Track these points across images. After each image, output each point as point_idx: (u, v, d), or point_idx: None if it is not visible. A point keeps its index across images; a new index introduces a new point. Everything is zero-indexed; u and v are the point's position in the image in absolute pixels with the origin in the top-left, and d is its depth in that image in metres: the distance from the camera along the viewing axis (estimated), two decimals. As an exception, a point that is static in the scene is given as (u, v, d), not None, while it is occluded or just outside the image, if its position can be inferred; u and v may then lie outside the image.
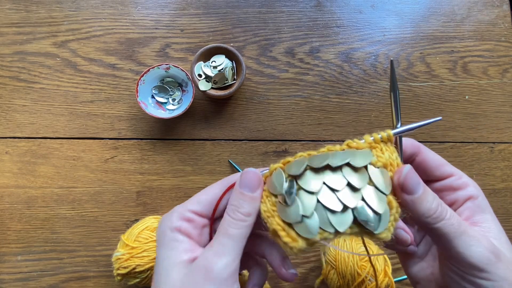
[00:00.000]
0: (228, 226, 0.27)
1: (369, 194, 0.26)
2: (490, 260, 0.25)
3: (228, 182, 0.31)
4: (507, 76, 0.65)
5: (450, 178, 0.30)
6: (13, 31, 0.63)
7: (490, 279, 0.24)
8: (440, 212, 0.26)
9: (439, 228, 0.25)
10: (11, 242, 0.59)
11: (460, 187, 0.29)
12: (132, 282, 0.52)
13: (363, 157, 0.27)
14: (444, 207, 0.26)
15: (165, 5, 0.65)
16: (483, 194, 0.29)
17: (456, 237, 0.25)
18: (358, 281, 0.50)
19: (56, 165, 0.61)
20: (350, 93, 0.64)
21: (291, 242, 0.26)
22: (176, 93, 0.62)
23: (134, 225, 0.55)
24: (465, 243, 0.25)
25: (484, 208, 0.29)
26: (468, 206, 0.29)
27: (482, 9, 0.67)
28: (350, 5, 0.66)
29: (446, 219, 0.25)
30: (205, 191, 0.31)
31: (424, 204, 0.26)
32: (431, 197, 0.26)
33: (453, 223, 0.25)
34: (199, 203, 0.30)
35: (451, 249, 0.25)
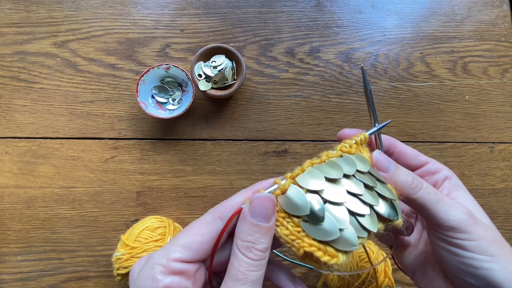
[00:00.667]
0: (247, 271, 0.23)
1: (380, 189, 0.28)
2: (468, 221, 0.27)
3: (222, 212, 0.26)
4: (507, 76, 0.65)
5: (426, 165, 0.34)
6: (13, 31, 0.63)
7: (471, 239, 0.27)
8: (416, 184, 0.28)
9: (418, 197, 0.28)
10: (11, 242, 0.59)
11: (437, 171, 0.33)
12: None
13: (362, 160, 0.29)
14: (420, 180, 0.29)
15: (165, 5, 0.65)
16: (455, 175, 0.33)
17: (435, 204, 0.28)
18: (359, 281, 0.50)
19: (56, 165, 0.61)
20: (350, 93, 0.64)
21: (331, 259, 0.24)
22: (176, 93, 0.62)
23: (134, 225, 0.55)
24: (443, 209, 0.27)
25: (459, 186, 0.32)
26: (446, 185, 0.32)
27: (482, 9, 0.67)
28: (350, 5, 0.66)
29: (423, 189, 0.28)
30: (192, 230, 0.25)
31: (400, 177, 0.29)
32: (404, 172, 0.29)
33: (430, 192, 0.28)
34: (186, 249, 0.24)
35: (433, 216, 0.28)
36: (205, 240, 0.25)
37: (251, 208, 0.24)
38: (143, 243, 0.52)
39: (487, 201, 0.63)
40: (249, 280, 0.23)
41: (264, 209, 0.24)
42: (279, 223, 0.25)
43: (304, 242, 0.25)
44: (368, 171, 0.28)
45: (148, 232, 0.53)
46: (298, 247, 0.25)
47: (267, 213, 0.24)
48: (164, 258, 0.23)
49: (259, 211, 0.24)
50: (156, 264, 0.23)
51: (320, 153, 0.30)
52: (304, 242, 0.25)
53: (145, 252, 0.51)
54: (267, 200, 0.24)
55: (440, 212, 0.27)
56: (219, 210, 0.26)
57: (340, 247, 0.24)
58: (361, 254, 0.53)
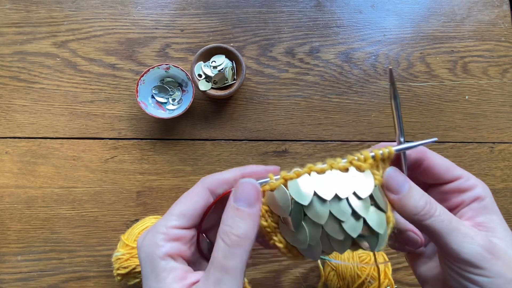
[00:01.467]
0: (223, 258, 0.23)
1: (371, 219, 0.26)
2: (484, 256, 0.24)
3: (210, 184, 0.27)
4: (507, 76, 0.65)
5: (458, 180, 0.29)
6: (13, 31, 0.63)
7: (486, 276, 0.24)
8: (428, 209, 0.26)
9: (429, 225, 0.25)
10: (11, 242, 0.59)
11: (468, 188, 0.29)
12: (132, 282, 0.52)
13: (367, 181, 0.26)
14: (433, 204, 0.26)
15: (165, 5, 0.65)
16: (491, 195, 0.29)
17: (448, 234, 0.25)
18: (358, 282, 0.50)
19: (56, 165, 0.61)
20: (350, 93, 0.64)
21: (293, 257, 0.27)
22: (176, 93, 0.62)
23: (134, 225, 0.55)
24: (457, 239, 0.25)
25: (490, 209, 0.28)
26: (473, 207, 0.28)
27: (482, 9, 0.67)
28: (350, 5, 0.66)
29: (435, 215, 0.26)
30: (185, 200, 0.27)
31: (411, 202, 0.26)
32: (418, 195, 0.26)
33: (443, 220, 0.25)
34: (183, 217, 0.26)
35: (445, 246, 0.25)
36: (197, 208, 0.26)
37: (235, 192, 0.25)
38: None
39: (487, 201, 0.63)
40: (224, 267, 0.23)
41: (247, 195, 0.25)
42: (261, 213, 0.27)
43: (276, 237, 0.27)
44: (369, 195, 0.26)
45: (148, 232, 0.53)
46: (270, 238, 0.27)
47: (249, 199, 0.25)
48: (164, 227, 0.25)
49: (242, 196, 0.25)
50: (157, 233, 0.25)
51: (328, 158, 0.28)
52: (276, 238, 0.27)
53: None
54: (250, 186, 0.25)
55: (452, 243, 0.25)
56: (209, 182, 0.27)
57: (304, 254, 0.26)
58: (361, 255, 0.53)
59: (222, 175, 0.28)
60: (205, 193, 0.27)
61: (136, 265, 0.50)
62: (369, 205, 0.26)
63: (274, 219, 0.27)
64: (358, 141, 0.63)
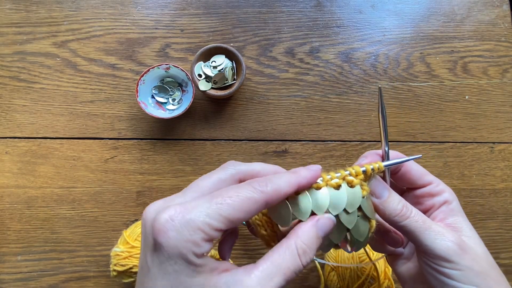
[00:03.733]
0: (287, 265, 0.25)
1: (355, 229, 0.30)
2: (455, 251, 0.28)
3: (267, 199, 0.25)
4: (507, 76, 0.65)
5: (429, 185, 0.33)
6: (13, 31, 0.63)
7: (457, 269, 0.28)
8: (405, 212, 0.30)
9: (406, 225, 0.29)
10: (11, 242, 0.59)
11: (437, 193, 0.33)
12: (126, 280, 0.52)
13: (355, 199, 0.29)
14: (409, 208, 0.30)
15: (165, 5, 0.65)
16: (457, 199, 0.33)
17: (422, 232, 0.29)
18: (358, 283, 0.50)
19: (56, 165, 0.61)
20: (350, 93, 0.64)
21: None
22: (176, 93, 0.62)
23: (138, 223, 0.55)
24: (430, 237, 0.28)
25: (457, 211, 0.32)
26: (443, 210, 0.32)
27: (482, 9, 0.67)
28: (350, 5, 0.66)
29: (411, 217, 0.29)
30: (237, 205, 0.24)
31: (391, 205, 0.30)
32: (396, 200, 0.30)
33: (417, 220, 0.29)
34: (229, 222, 0.23)
35: (420, 244, 0.29)
36: (247, 217, 0.25)
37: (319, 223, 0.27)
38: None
39: (487, 201, 0.63)
40: (283, 271, 0.24)
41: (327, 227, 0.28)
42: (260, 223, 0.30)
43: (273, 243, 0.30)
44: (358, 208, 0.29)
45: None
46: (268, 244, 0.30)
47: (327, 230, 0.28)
48: (207, 225, 0.23)
49: (324, 227, 0.27)
50: (198, 229, 0.23)
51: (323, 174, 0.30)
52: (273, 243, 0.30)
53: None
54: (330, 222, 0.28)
55: (426, 240, 0.28)
56: (268, 192, 0.25)
57: None
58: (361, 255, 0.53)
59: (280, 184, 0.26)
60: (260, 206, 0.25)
61: (134, 265, 0.50)
62: (356, 217, 0.29)
63: (274, 228, 0.30)
64: (358, 141, 0.63)
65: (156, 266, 0.23)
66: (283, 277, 0.24)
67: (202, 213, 0.23)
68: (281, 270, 0.24)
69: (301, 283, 0.60)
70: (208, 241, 0.23)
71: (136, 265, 0.50)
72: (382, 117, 0.32)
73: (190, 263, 0.22)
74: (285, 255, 0.25)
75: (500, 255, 0.62)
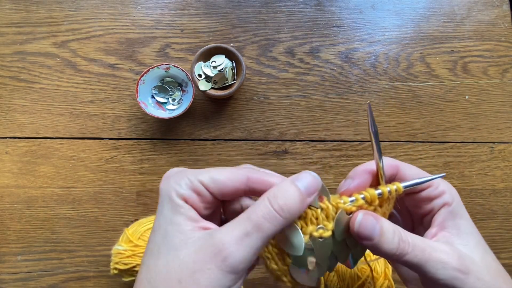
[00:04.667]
0: (262, 217, 0.24)
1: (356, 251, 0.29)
2: (458, 278, 0.27)
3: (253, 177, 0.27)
4: (507, 76, 0.65)
5: (428, 189, 0.31)
6: (13, 31, 0.63)
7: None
8: (402, 249, 0.27)
9: (406, 261, 0.27)
10: (11, 242, 0.59)
11: (437, 196, 0.30)
12: (127, 279, 0.52)
13: None
14: (406, 240, 0.27)
15: (165, 5, 0.65)
16: (458, 199, 0.31)
17: (423, 265, 0.27)
18: (358, 283, 0.50)
19: (56, 165, 0.61)
20: (350, 93, 0.64)
21: None
22: (176, 93, 0.62)
23: (141, 221, 0.55)
24: (432, 269, 0.27)
25: (456, 214, 0.30)
26: (442, 213, 0.30)
27: (482, 9, 0.67)
28: (350, 5, 0.66)
29: (409, 253, 0.27)
30: (222, 172, 0.27)
31: (385, 246, 0.27)
32: (390, 235, 0.27)
33: (417, 255, 0.27)
34: (213, 181, 0.26)
35: (423, 275, 0.27)
36: (229, 185, 0.27)
37: (297, 176, 0.26)
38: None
39: (487, 201, 0.63)
40: (258, 225, 0.24)
41: (308, 183, 0.26)
42: (270, 256, 0.27)
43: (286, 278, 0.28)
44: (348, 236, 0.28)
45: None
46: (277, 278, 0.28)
47: (309, 187, 0.26)
48: (193, 176, 0.26)
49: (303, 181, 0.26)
50: (185, 177, 0.26)
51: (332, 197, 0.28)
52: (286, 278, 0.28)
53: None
54: (313, 179, 0.26)
55: (429, 273, 0.27)
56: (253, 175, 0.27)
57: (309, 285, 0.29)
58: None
59: (267, 177, 0.28)
60: (243, 179, 0.27)
61: (137, 264, 0.50)
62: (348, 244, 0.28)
63: (285, 261, 0.27)
64: (358, 141, 0.63)
65: (158, 207, 0.27)
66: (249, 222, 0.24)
67: (195, 170, 0.27)
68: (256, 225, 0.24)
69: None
70: (190, 188, 0.26)
71: (139, 263, 0.50)
72: (374, 133, 0.30)
73: (171, 201, 0.26)
74: (257, 206, 0.25)
75: (500, 255, 0.62)
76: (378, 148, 0.29)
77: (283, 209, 0.24)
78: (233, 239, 0.24)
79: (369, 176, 0.30)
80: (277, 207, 0.24)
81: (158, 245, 0.25)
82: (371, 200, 0.28)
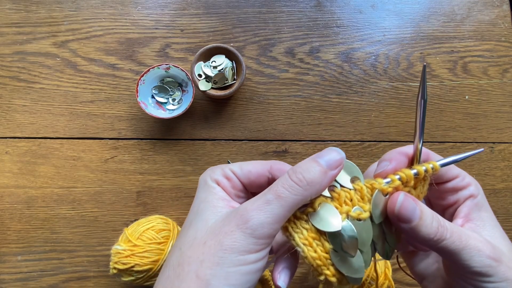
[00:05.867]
0: (281, 186, 0.25)
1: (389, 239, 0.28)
2: (492, 265, 0.26)
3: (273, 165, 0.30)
4: (507, 76, 0.65)
5: (456, 179, 0.31)
6: (13, 31, 0.63)
7: (494, 281, 0.26)
8: (441, 234, 0.26)
9: (442, 247, 0.26)
10: (11, 242, 0.59)
11: (463, 187, 0.30)
12: (126, 278, 0.52)
13: None
14: (444, 225, 0.27)
15: (165, 5, 0.65)
16: (482, 192, 0.31)
17: (459, 252, 0.26)
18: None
19: (56, 165, 0.61)
20: (350, 93, 0.64)
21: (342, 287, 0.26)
22: (176, 93, 0.62)
23: (140, 221, 0.55)
24: (467, 255, 0.26)
25: (481, 206, 0.30)
26: (467, 204, 0.30)
27: (482, 9, 0.67)
28: (350, 5, 0.66)
29: (447, 238, 0.26)
30: (249, 162, 0.30)
31: (424, 229, 0.26)
32: (429, 219, 0.26)
33: (455, 241, 0.26)
34: (241, 169, 0.29)
35: (457, 262, 0.27)
36: (254, 173, 0.30)
37: (319, 153, 0.26)
38: (146, 243, 0.52)
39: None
40: (277, 193, 0.25)
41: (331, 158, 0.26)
42: (307, 242, 0.25)
43: (328, 271, 0.25)
44: None
45: (152, 233, 0.53)
46: (321, 273, 0.25)
47: (332, 162, 0.26)
48: (226, 167, 0.30)
49: (326, 156, 0.26)
50: (219, 168, 0.30)
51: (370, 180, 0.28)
52: (329, 271, 0.25)
53: (146, 253, 0.51)
54: (336, 154, 0.26)
55: (463, 260, 0.26)
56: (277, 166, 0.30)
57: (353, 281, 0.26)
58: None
59: (287, 167, 0.30)
60: (266, 168, 0.30)
61: (135, 264, 0.50)
62: None
63: (324, 248, 0.25)
64: (358, 141, 0.63)
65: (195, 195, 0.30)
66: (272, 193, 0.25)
67: (227, 164, 0.30)
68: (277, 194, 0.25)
69: (301, 283, 0.60)
70: (222, 174, 0.29)
71: (138, 264, 0.50)
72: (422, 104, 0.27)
73: (206, 184, 0.29)
74: (279, 180, 0.26)
75: (500, 255, 0.62)
76: (422, 122, 0.28)
77: (302, 180, 0.25)
78: (255, 206, 0.25)
79: (405, 159, 0.29)
80: (295, 178, 0.25)
81: (191, 220, 0.28)
82: (407, 180, 0.27)
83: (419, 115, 0.28)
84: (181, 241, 0.27)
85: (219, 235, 0.25)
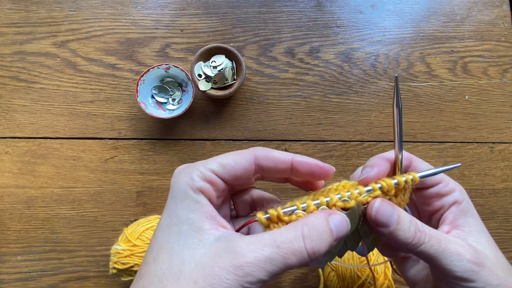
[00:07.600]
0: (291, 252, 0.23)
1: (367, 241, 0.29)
2: (474, 270, 0.26)
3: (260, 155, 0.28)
4: (507, 76, 0.65)
5: (438, 185, 0.31)
6: (13, 31, 0.63)
7: (476, 287, 0.27)
8: (418, 238, 0.27)
9: (421, 251, 0.27)
10: (11, 242, 0.59)
11: (447, 193, 0.31)
12: (125, 278, 0.52)
13: None
14: (422, 230, 0.27)
15: (165, 5, 0.65)
16: (467, 198, 0.31)
17: (439, 256, 0.26)
18: (358, 283, 0.50)
19: (56, 165, 0.61)
20: (350, 93, 0.64)
21: None
22: (176, 93, 0.62)
23: (140, 221, 0.55)
24: (447, 260, 0.26)
25: (467, 212, 0.30)
26: (453, 211, 0.30)
27: (482, 9, 0.67)
28: (350, 5, 0.66)
29: (425, 242, 0.27)
30: (228, 156, 0.28)
31: (402, 233, 0.27)
32: (407, 224, 0.27)
33: (433, 245, 0.27)
34: (223, 167, 0.27)
35: (437, 266, 0.27)
36: (238, 167, 0.27)
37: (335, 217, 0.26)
38: (146, 243, 0.52)
39: (487, 201, 0.63)
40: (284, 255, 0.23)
41: (343, 230, 0.26)
42: None
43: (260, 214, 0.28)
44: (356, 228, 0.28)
45: (152, 233, 0.53)
46: None
47: (342, 230, 0.26)
48: (202, 167, 0.27)
49: (339, 226, 0.26)
50: (195, 169, 0.27)
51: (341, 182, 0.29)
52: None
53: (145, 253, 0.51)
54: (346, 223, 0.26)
55: (443, 264, 0.26)
56: (260, 153, 0.28)
57: None
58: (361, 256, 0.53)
59: (273, 152, 0.29)
60: (250, 158, 0.28)
61: (135, 264, 0.50)
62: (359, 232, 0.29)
63: None
64: (358, 141, 0.63)
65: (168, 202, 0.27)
66: (277, 250, 0.23)
67: (202, 162, 0.27)
68: (277, 243, 0.23)
69: (301, 283, 0.60)
70: (203, 178, 0.26)
71: (137, 263, 0.50)
72: (398, 112, 0.28)
73: (186, 197, 0.26)
74: (286, 232, 0.24)
75: (500, 255, 0.62)
76: (400, 131, 0.28)
77: (314, 252, 0.24)
78: (257, 261, 0.23)
79: (388, 164, 0.30)
80: (310, 250, 0.24)
81: (172, 243, 0.25)
82: (388, 189, 0.28)
83: (396, 124, 0.29)
84: (161, 269, 0.24)
85: (213, 279, 0.23)
